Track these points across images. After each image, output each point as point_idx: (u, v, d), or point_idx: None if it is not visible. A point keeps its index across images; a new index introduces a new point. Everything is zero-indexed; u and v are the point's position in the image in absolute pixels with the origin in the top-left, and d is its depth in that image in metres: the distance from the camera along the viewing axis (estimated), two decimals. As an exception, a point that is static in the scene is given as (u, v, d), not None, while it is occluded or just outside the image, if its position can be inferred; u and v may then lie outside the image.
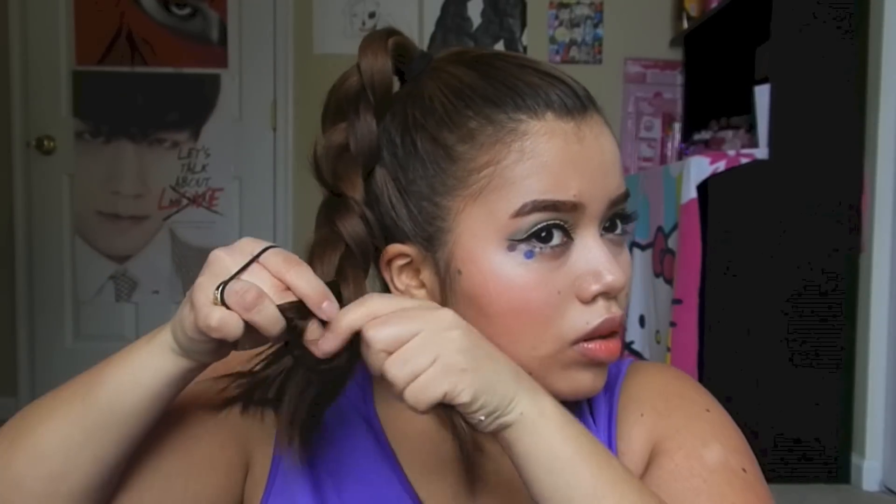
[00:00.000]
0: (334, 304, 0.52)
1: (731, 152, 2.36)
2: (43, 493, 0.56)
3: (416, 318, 0.52)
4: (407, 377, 0.50)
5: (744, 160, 2.31)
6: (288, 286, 0.52)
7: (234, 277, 0.51)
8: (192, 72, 3.35)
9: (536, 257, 0.58)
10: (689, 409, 0.64)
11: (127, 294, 3.37)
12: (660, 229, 2.53)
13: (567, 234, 0.59)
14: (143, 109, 3.34)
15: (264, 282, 0.52)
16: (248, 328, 0.51)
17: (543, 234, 0.58)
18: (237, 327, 0.51)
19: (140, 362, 0.55)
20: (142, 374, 0.55)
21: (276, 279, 0.52)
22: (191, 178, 3.37)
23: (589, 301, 0.59)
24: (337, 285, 0.55)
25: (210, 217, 3.37)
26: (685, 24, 3.20)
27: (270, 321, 0.51)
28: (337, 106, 0.62)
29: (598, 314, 0.59)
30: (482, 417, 0.51)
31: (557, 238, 0.58)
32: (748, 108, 2.45)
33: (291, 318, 0.52)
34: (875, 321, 2.30)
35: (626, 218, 0.63)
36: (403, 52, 0.63)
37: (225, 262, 0.52)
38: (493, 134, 0.58)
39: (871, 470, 2.30)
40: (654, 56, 3.38)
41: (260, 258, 0.52)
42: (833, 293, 2.34)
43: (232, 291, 0.50)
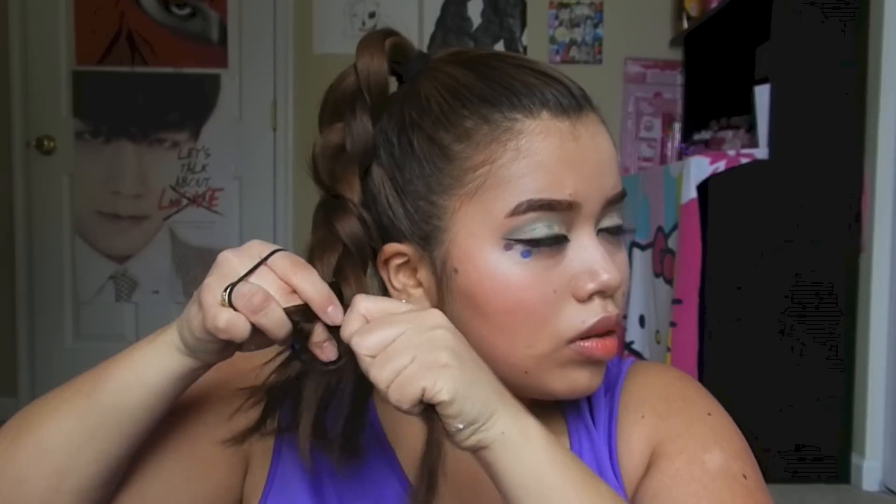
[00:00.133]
0: (339, 309, 0.53)
1: (731, 152, 2.36)
2: (45, 490, 0.56)
3: (401, 320, 0.52)
4: (389, 377, 0.50)
5: (744, 160, 2.31)
6: (294, 289, 0.53)
7: (241, 280, 0.52)
8: (192, 72, 3.35)
9: (532, 256, 0.58)
10: (691, 411, 0.64)
11: (127, 294, 3.37)
12: (660, 229, 2.53)
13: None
14: (143, 109, 3.35)
15: (271, 284, 0.52)
16: (255, 330, 0.52)
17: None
18: (244, 329, 0.51)
19: (145, 361, 0.56)
20: (146, 373, 0.55)
21: (283, 282, 0.53)
22: (191, 178, 3.37)
23: (585, 300, 0.59)
24: (337, 285, 0.56)
25: (210, 217, 3.38)
26: (685, 24, 3.20)
27: (276, 324, 0.52)
28: (334, 106, 0.62)
29: (594, 313, 0.59)
30: (460, 426, 0.50)
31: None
32: (748, 108, 2.45)
33: (297, 322, 0.52)
34: (875, 321, 2.30)
35: (618, 229, 0.63)
36: (400, 52, 0.63)
37: (233, 264, 0.53)
38: (488, 133, 0.59)
39: (871, 470, 2.30)
40: (654, 56, 3.38)
41: (268, 261, 0.53)
42: (833, 293, 2.34)
43: (239, 294, 0.51)
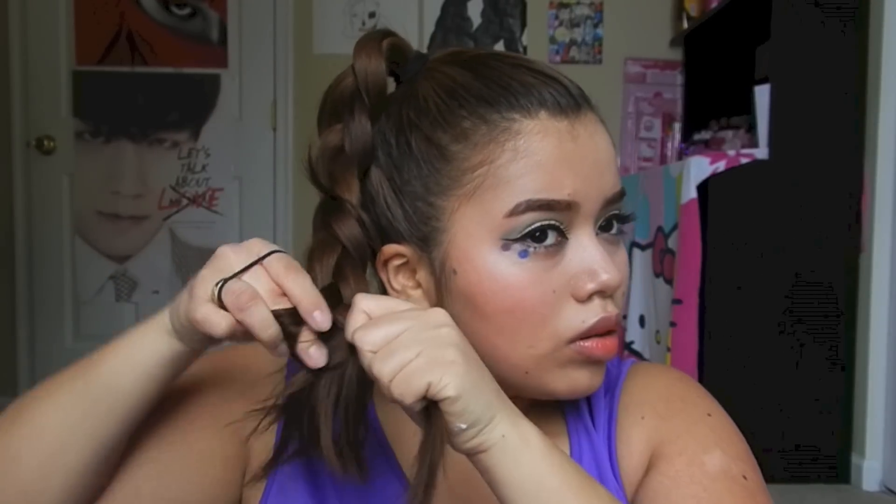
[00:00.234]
0: (326, 315, 0.53)
1: (731, 152, 2.36)
2: (38, 468, 0.56)
3: (405, 317, 0.52)
4: (392, 371, 0.49)
5: (744, 160, 2.31)
6: (284, 292, 0.53)
7: (234, 276, 0.53)
8: (192, 72, 3.36)
9: (531, 256, 0.58)
10: (691, 413, 0.64)
11: (127, 294, 3.37)
12: (660, 229, 2.53)
13: (561, 233, 0.59)
14: (143, 109, 3.35)
15: (262, 285, 0.53)
16: (241, 328, 0.53)
17: (538, 234, 0.58)
18: (220, 326, 0.52)
19: (137, 342, 0.57)
20: (138, 355, 0.56)
21: (275, 284, 0.53)
22: (191, 178, 3.37)
23: (584, 300, 0.59)
24: (336, 287, 0.56)
25: (210, 217, 3.38)
26: (685, 24, 3.20)
27: (261, 324, 0.52)
28: (332, 108, 0.62)
29: (594, 313, 0.59)
30: (463, 426, 0.50)
31: (552, 238, 0.58)
32: (748, 108, 2.45)
33: (285, 325, 0.53)
34: (875, 321, 2.30)
35: (623, 218, 0.63)
36: (398, 53, 0.63)
37: (229, 260, 0.54)
38: (486, 133, 0.58)
39: (871, 470, 2.30)
40: (654, 56, 3.38)
41: (264, 261, 0.54)
42: (833, 293, 2.34)
43: (229, 290, 0.52)
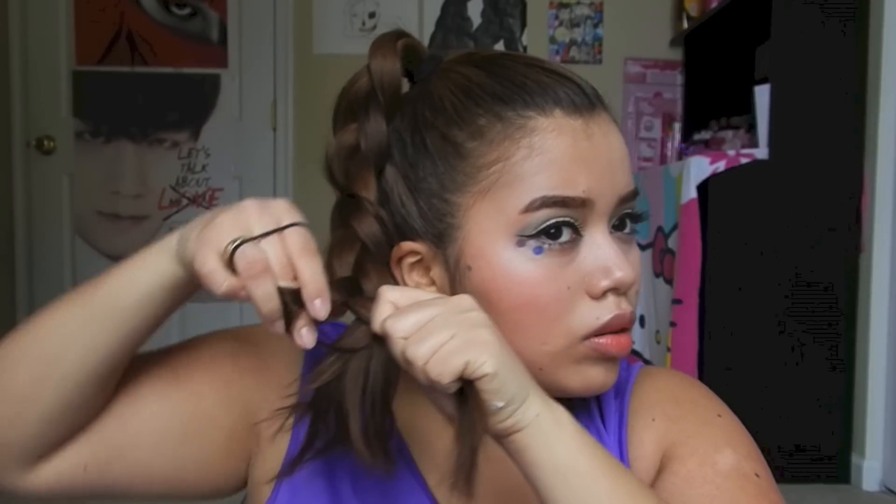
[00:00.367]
0: (327, 305, 0.53)
1: (731, 152, 2.36)
2: (33, 373, 0.57)
3: (433, 303, 0.52)
4: (427, 353, 0.50)
5: (744, 160, 2.31)
6: (294, 270, 0.53)
7: (252, 240, 0.52)
8: (192, 72, 3.36)
9: (545, 253, 0.58)
10: (701, 414, 0.65)
11: (127, 294, 3.37)
12: (660, 229, 2.53)
13: (576, 230, 0.59)
14: (143, 109, 3.35)
15: (275, 255, 0.52)
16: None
17: (552, 230, 0.58)
18: (219, 286, 0.52)
19: (142, 263, 0.57)
20: (141, 275, 0.56)
21: (287, 259, 0.53)
22: (191, 178, 3.37)
23: (599, 297, 0.59)
24: (356, 281, 0.56)
25: (210, 217, 3.37)
26: (685, 24, 3.20)
27: (264, 297, 0.52)
28: (347, 107, 0.62)
29: (608, 310, 0.60)
30: (500, 403, 0.50)
31: (566, 235, 0.58)
32: (748, 108, 2.45)
33: (286, 302, 0.53)
34: (875, 321, 2.30)
35: (636, 217, 0.63)
36: (413, 53, 0.64)
37: (251, 218, 0.53)
38: (502, 130, 0.59)
39: (871, 470, 2.30)
40: (654, 56, 3.38)
41: (283, 231, 0.53)
42: (833, 293, 2.34)
43: (244, 255, 0.51)
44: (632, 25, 3.38)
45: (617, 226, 0.62)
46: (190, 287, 0.57)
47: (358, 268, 0.57)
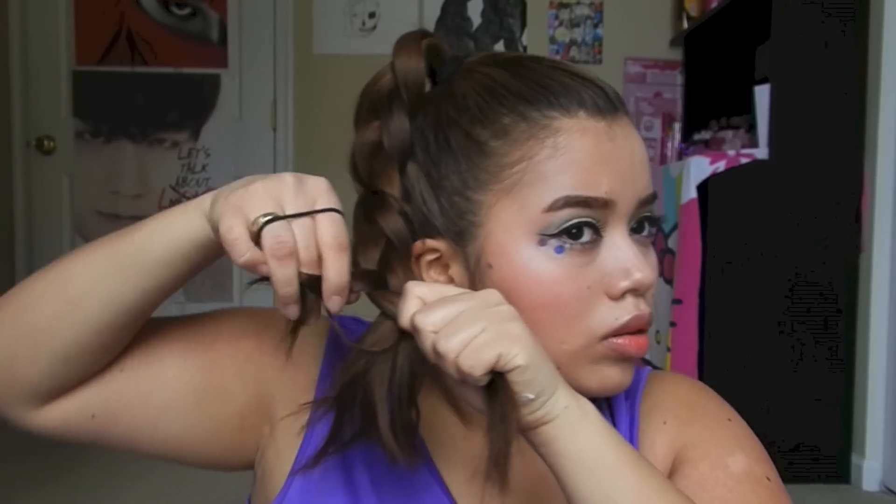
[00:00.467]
0: (343, 303, 0.54)
1: (731, 152, 2.36)
2: (56, 313, 0.57)
3: (462, 298, 0.53)
4: (458, 346, 0.50)
5: (744, 160, 2.31)
6: (321, 261, 0.53)
7: (284, 219, 0.51)
8: (192, 72, 3.36)
9: (566, 253, 0.59)
10: (712, 418, 0.66)
11: (127, 294, 3.37)
12: (660, 229, 2.53)
13: (597, 231, 0.59)
14: (143, 109, 3.35)
15: (304, 239, 0.52)
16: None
17: (574, 230, 0.59)
18: (240, 256, 0.51)
19: (174, 219, 0.57)
20: (172, 230, 0.57)
21: (316, 248, 0.52)
22: (191, 178, 3.38)
23: (618, 298, 0.60)
24: (382, 276, 0.57)
25: (210, 217, 3.38)
26: (685, 24, 3.20)
27: (284, 280, 0.52)
28: (370, 104, 0.63)
29: (626, 311, 0.60)
30: (531, 395, 0.51)
31: (587, 235, 0.59)
32: (748, 108, 2.45)
33: (304, 290, 0.53)
34: (875, 321, 2.30)
35: (654, 221, 0.64)
36: (436, 53, 0.64)
37: (287, 194, 0.53)
38: (526, 130, 0.59)
39: (871, 470, 2.30)
40: (654, 56, 3.38)
41: (317, 215, 0.53)
42: (833, 293, 2.34)
43: (272, 234, 0.51)
44: (632, 25, 3.38)
45: (635, 228, 0.62)
46: (218, 248, 0.56)
47: (383, 263, 0.58)
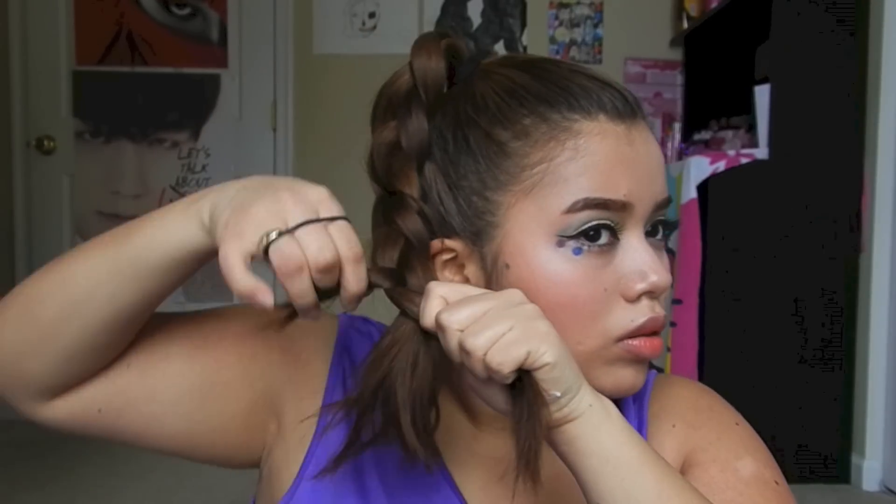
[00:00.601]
0: (357, 305, 0.54)
1: (731, 152, 2.37)
2: (58, 314, 0.58)
3: (486, 297, 0.53)
4: (486, 343, 0.51)
5: (744, 160, 2.32)
6: (341, 276, 0.52)
7: (288, 233, 0.50)
8: (192, 72, 3.36)
9: (584, 254, 0.59)
10: (720, 422, 0.66)
11: (127, 294, 3.37)
12: (660, 229, 2.53)
13: (614, 234, 0.60)
14: (143, 109, 3.35)
15: (316, 243, 0.51)
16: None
17: (592, 232, 0.59)
18: (235, 284, 0.50)
19: (171, 227, 0.56)
20: (169, 239, 0.56)
21: (336, 260, 0.52)
22: (191, 178, 3.37)
23: (634, 300, 0.60)
24: (401, 275, 0.57)
25: (210, 217, 3.38)
26: (685, 24, 3.20)
27: (300, 293, 0.51)
28: (387, 104, 0.63)
29: (642, 313, 0.60)
30: (558, 393, 0.51)
31: (605, 237, 0.59)
32: (748, 108, 2.45)
33: (320, 297, 0.52)
34: (875, 321, 2.30)
35: (668, 224, 0.64)
36: (455, 53, 0.64)
37: (287, 205, 0.51)
38: (547, 132, 0.60)
39: (871, 470, 2.30)
40: (654, 56, 3.38)
41: (330, 225, 0.52)
42: (833, 293, 2.34)
43: (279, 250, 0.50)
44: (632, 25, 3.38)
45: (649, 231, 0.63)
46: (211, 257, 0.57)
47: (402, 263, 0.58)
